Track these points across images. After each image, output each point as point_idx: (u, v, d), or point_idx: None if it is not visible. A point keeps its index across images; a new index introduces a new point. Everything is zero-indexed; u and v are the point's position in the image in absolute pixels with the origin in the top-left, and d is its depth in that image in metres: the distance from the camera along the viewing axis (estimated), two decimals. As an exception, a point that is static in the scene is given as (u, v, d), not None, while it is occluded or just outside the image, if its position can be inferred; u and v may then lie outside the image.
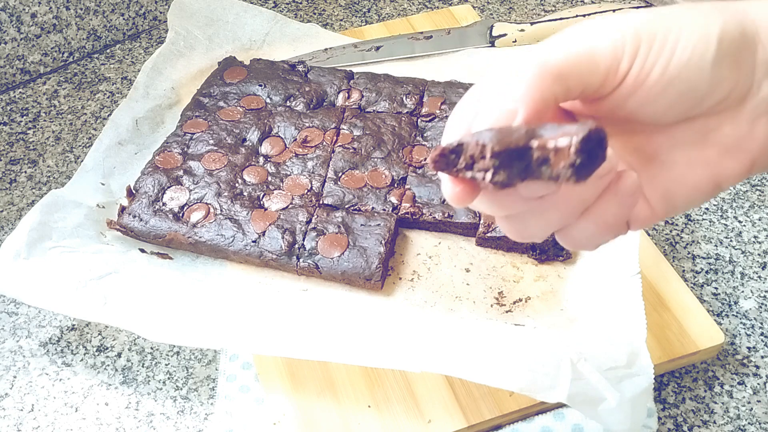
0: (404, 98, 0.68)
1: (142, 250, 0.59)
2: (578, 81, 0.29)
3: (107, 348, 0.57)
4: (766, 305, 0.58)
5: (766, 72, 0.31)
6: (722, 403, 0.53)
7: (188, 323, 0.52)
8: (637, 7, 0.78)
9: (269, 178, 0.62)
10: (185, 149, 0.64)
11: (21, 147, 0.74)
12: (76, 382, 0.55)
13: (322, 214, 0.59)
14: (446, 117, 0.66)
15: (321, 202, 0.61)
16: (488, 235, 0.58)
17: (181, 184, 0.62)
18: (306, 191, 0.61)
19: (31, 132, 0.76)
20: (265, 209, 0.60)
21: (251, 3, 0.82)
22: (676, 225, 0.64)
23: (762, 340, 0.56)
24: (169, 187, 0.61)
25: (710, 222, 0.65)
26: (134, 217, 0.59)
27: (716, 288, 0.60)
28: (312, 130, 0.66)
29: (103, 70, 0.82)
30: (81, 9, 0.81)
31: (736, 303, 0.59)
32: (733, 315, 0.58)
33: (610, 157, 0.27)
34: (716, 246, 0.63)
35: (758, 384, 0.54)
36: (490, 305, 0.55)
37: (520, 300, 0.55)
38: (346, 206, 0.60)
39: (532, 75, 0.28)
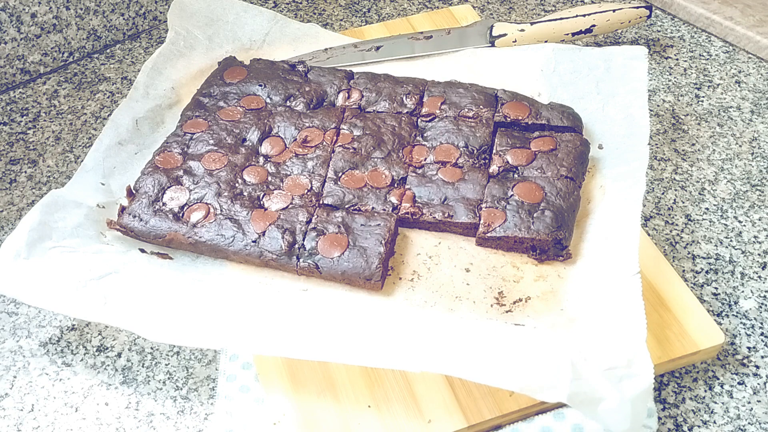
0: (404, 98, 0.68)
1: (142, 250, 0.59)
2: None
3: (107, 348, 0.57)
4: (766, 305, 0.58)
5: None
6: (722, 403, 0.53)
7: (188, 323, 0.52)
8: (637, 7, 0.78)
9: (269, 178, 0.62)
10: (185, 149, 0.64)
11: (21, 147, 0.74)
12: (76, 382, 0.55)
13: (322, 214, 0.59)
14: (446, 117, 0.66)
15: (321, 202, 0.61)
16: (488, 235, 0.58)
17: (181, 184, 0.62)
18: (306, 191, 0.61)
19: (31, 132, 0.76)
20: (265, 209, 0.60)
21: (251, 3, 0.82)
22: (676, 225, 0.64)
23: (762, 340, 0.56)
24: (169, 187, 0.61)
25: (710, 222, 0.64)
26: (134, 217, 0.59)
27: (716, 288, 0.60)
28: (312, 130, 0.66)
29: (103, 70, 0.82)
30: (81, 9, 0.81)
31: (736, 303, 0.59)
32: (733, 315, 0.58)
33: None
34: (716, 246, 0.63)
35: (758, 384, 0.54)
36: (490, 305, 0.55)
37: (520, 300, 0.55)
38: (346, 206, 0.60)
39: None
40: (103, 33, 0.84)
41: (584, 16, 0.77)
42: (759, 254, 0.62)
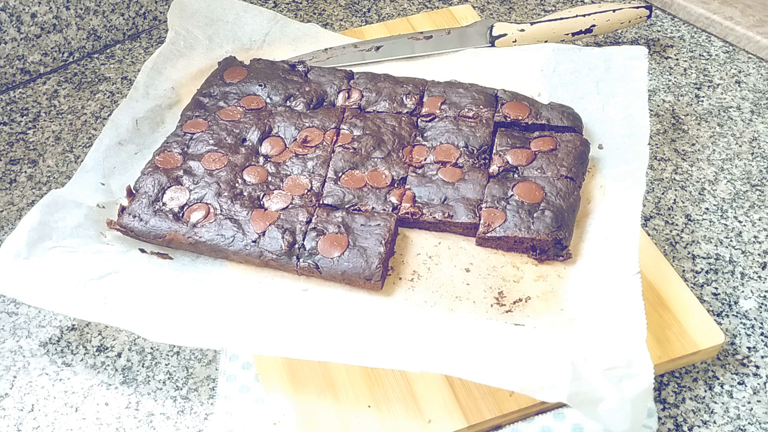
0: (404, 98, 0.68)
1: (142, 250, 0.59)
2: None
3: (107, 348, 0.57)
4: (766, 305, 0.58)
5: None
6: (722, 403, 0.53)
7: (188, 323, 0.52)
8: (637, 7, 0.78)
9: (269, 178, 0.62)
10: (185, 149, 0.64)
11: (21, 147, 0.74)
12: (76, 382, 0.55)
13: (322, 214, 0.59)
14: (446, 117, 0.66)
15: (321, 202, 0.61)
16: (488, 235, 0.58)
17: (181, 184, 0.62)
18: (306, 191, 0.61)
19: (31, 132, 0.76)
20: (265, 209, 0.60)
21: (251, 3, 0.82)
22: (676, 225, 0.64)
23: (762, 340, 0.56)
24: (169, 187, 0.61)
25: (710, 222, 0.64)
26: (134, 217, 0.59)
27: (716, 288, 0.60)
28: (312, 130, 0.66)
29: (103, 70, 0.82)
30: (81, 9, 0.81)
31: (736, 303, 0.59)
32: (733, 315, 0.58)
33: None
34: (716, 246, 0.63)
35: (758, 384, 0.54)
36: (490, 305, 0.55)
37: (520, 300, 0.55)
38: (346, 206, 0.60)
39: None
40: (103, 33, 0.84)
41: (584, 16, 0.77)
42: (759, 254, 0.62)
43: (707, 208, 0.66)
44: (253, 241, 0.58)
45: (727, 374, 0.54)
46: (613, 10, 0.77)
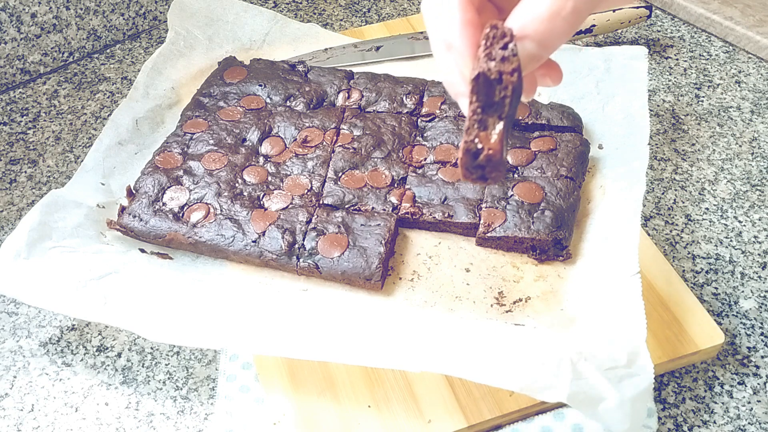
0: (404, 98, 0.68)
1: (142, 250, 0.59)
2: None
3: (107, 348, 0.57)
4: (766, 305, 0.58)
5: None
6: (722, 403, 0.53)
7: (188, 323, 0.52)
8: (637, 8, 0.78)
9: (269, 178, 0.62)
10: (185, 149, 0.64)
11: (21, 147, 0.74)
12: (76, 382, 0.55)
13: (322, 214, 0.59)
14: (446, 117, 0.66)
15: (321, 202, 0.61)
16: (488, 235, 0.58)
17: (181, 184, 0.62)
18: (306, 191, 0.61)
19: (31, 132, 0.76)
20: (265, 209, 0.60)
21: (251, 3, 0.82)
22: (676, 225, 0.64)
23: (762, 340, 0.56)
24: (169, 187, 0.61)
25: (710, 222, 0.64)
26: (134, 217, 0.59)
27: (716, 288, 0.60)
28: (312, 130, 0.66)
29: (103, 70, 0.82)
30: (81, 9, 0.81)
31: (736, 303, 0.59)
32: (733, 315, 0.58)
33: None
34: (716, 246, 0.63)
35: (758, 384, 0.54)
36: (490, 305, 0.55)
37: (520, 300, 0.55)
38: (346, 206, 0.60)
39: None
40: (103, 33, 0.84)
41: (584, 16, 0.77)
42: (759, 254, 0.62)
43: (707, 208, 0.66)
44: (253, 241, 0.57)
45: (727, 374, 0.54)
46: (613, 10, 0.77)
